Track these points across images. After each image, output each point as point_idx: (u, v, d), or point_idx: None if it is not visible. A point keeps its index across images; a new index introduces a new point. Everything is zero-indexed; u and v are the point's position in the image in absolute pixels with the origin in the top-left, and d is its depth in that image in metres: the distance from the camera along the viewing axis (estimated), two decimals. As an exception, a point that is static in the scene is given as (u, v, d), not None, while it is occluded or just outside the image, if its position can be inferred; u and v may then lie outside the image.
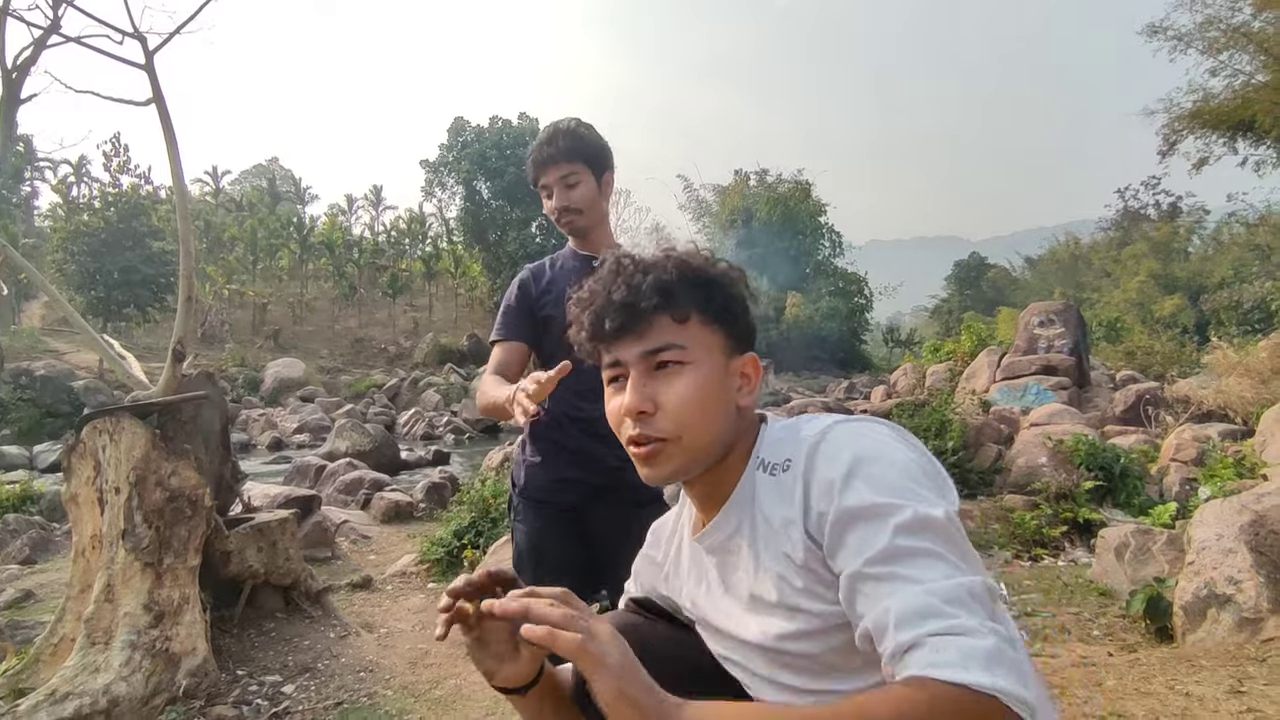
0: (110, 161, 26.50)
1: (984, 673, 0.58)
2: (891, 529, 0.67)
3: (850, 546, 0.70)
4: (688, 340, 0.82)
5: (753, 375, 0.86)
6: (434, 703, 2.95)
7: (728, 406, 0.84)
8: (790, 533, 0.77)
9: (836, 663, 0.77)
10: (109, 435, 3.20)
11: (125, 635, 2.94)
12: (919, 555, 0.66)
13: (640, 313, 0.81)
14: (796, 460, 0.78)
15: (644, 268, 0.82)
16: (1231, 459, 6.01)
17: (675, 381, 0.81)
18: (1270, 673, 2.04)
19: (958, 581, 0.64)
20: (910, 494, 0.70)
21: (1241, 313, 18.46)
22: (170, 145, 3.32)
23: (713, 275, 0.85)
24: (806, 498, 0.75)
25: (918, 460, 0.76)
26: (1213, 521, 2.62)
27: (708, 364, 0.82)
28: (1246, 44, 16.98)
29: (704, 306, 0.83)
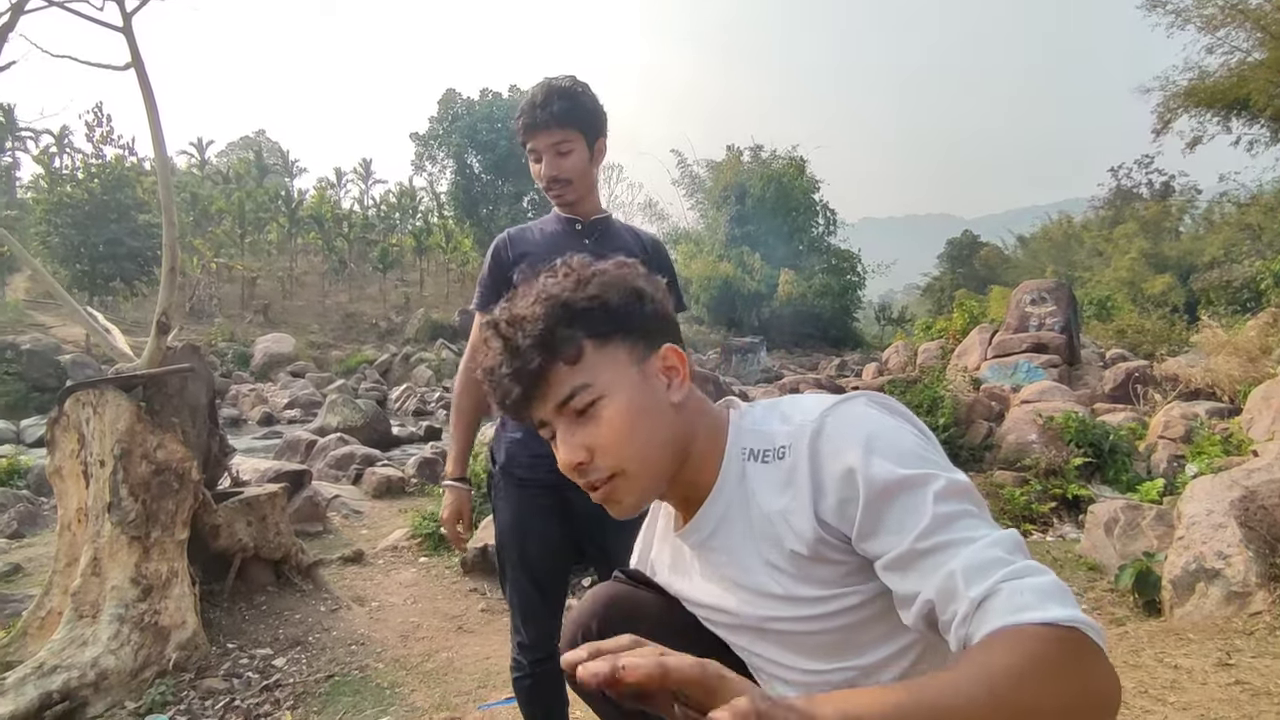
0: (93, 132, 25.95)
1: (1061, 607, 0.59)
2: (932, 498, 0.67)
3: (891, 526, 0.69)
4: (590, 375, 0.78)
5: (678, 365, 0.82)
6: (425, 675, 2.95)
7: (660, 414, 0.80)
8: (791, 521, 0.74)
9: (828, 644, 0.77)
10: (92, 408, 3.14)
11: (113, 609, 2.92)
12: (964, 517, 0.67)
13: (531, 376, 0.77)
14: (796, 447, 0.75)
15: (517, 328, 0.78)
16: (1219, 436, 6.07)
17: (598, 420, 0.78)
18: (1258, 645, 2.06)
19: (1006, 533, 0.66)
20: (933, 464, 0.70)
21: (1231, 292, 18.55)
22: (150, 110, 3.22)
23: (585, 302, 0.78)
24: (817, 485, 0.73)
25: (919, 434, 0.75)
26: (1203, 497, 2.63)
27: (621, 386, 0.78)
28: (1244, 21, 16.86)
29: (591, 333, 0.78)
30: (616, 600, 0.92)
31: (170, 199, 3.41)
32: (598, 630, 0.89)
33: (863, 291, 37.61)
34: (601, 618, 0.90)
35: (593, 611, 0.92)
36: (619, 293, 0.80)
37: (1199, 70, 17.75)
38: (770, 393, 12.62)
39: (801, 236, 35.86)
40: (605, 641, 0.66)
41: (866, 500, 0.69)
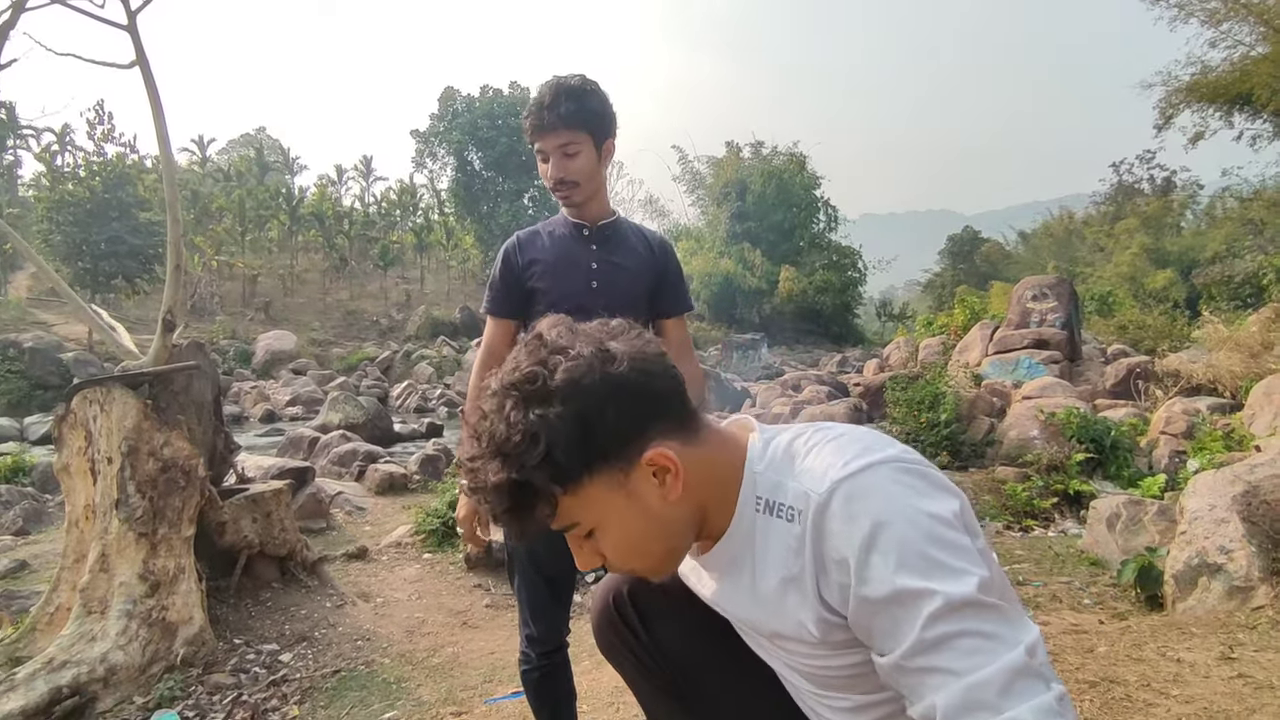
0: (94, 129, 26.02)
1: None
2: (924, 620, 0.63)
3: (881, 634, 0.66)
4: (573, 516, 0.74)
5: (667, 464, 0.74)
6: (431, 670, 2.97)
7: (659, 520, 0.75)
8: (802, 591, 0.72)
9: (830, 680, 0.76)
10: (99, 405, 3.16)
11: (121, 604, 2.94)
12: (957, 639, 0.62)
13: (524, 531, 0.74)
14: (804, 515, 0.71)
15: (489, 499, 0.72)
16: (1220, 432, 6.07)
17: (600, 542, 0.77)
18: (1260, 639, 2.07)
19: (1000, 665, 0.61)
20: (936, 569, 0.64)
21: (1233, 287, 18.52)
22: (155, 108, 3.23)
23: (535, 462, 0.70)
24: (820, 566, 0.70)
25: (936, 509, 0.68)
26: (1205, 492, 2.64)
27: (610, 515, 0.74)
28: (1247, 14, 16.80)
29: (557, 484, 0.71)
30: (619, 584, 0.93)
31: (175, 197, 3.42)
32: (629, 594, 0.91)
33: (863, 288, 37.59)
34: (632, 583, 0.92)
35: (622, 578, 0.93)
36: (571, 438, 0.70)
37: (1201, 65, 17.71)
38: (771, 390, 12.60)
39: (802, 233, 35.84)
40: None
41: (857, 604, 0.67)
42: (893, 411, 6.95)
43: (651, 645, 0.90)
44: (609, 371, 0.72)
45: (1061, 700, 0.61)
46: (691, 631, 0.88)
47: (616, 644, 0.93)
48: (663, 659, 0.90)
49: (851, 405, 8.32)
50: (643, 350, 0.76)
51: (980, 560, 0.66)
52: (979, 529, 0.71)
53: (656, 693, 0.92)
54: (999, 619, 0.63)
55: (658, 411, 0.75)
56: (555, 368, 0.72)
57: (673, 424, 0.76)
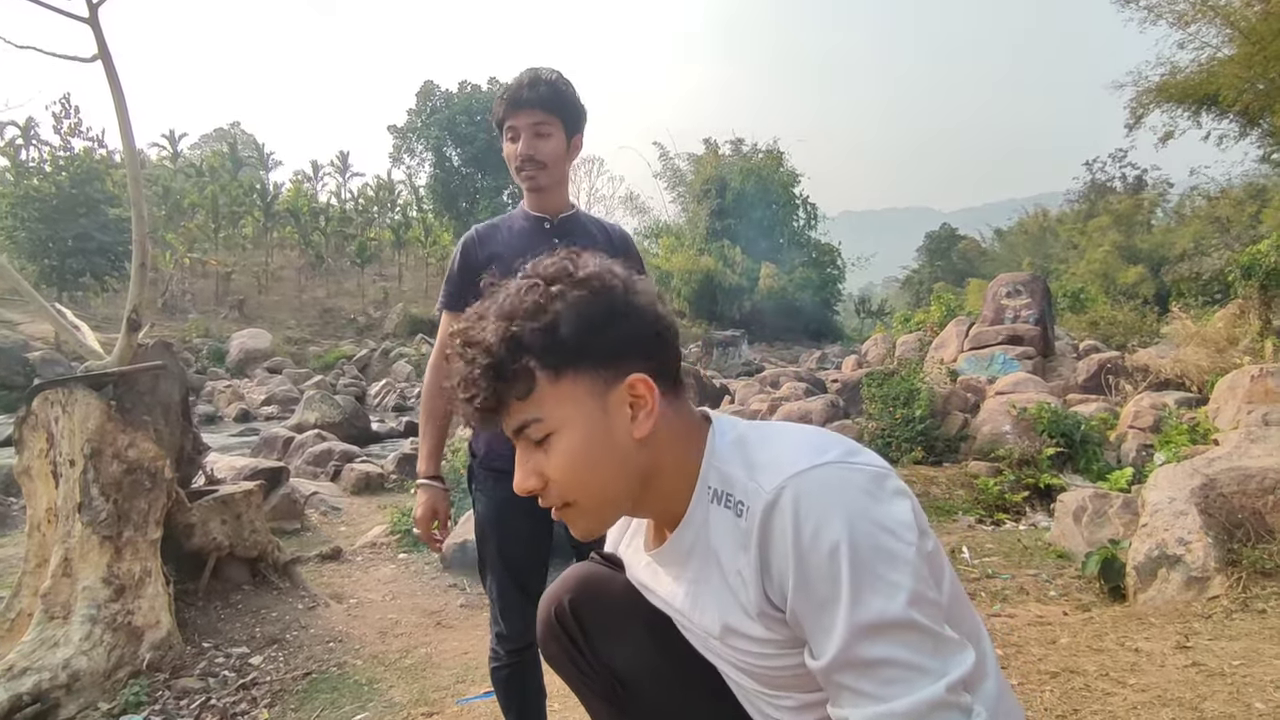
0: (60, 123, 25.32)
1: None
2: (852, 633, 0.64)
3: (812, 638, 0.68)
4: (542, 409, 0.74)
5: (645, 395, 0.75)
6: (404, 671, 2.95)
7: (617, 450, 0.76)
8: (747, 588, 0.73)
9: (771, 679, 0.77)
10: (61, 406, 3.10)
11: (85, 609, 2.89)
12: (879, 667, 0.63)
13: (484, 404, 0.75)
14: (752, 510, 0.71)
15: (471, 355, 0.74)
16: (1186, 426, 6.21)
17: (552, 451, 0.75)
18: (1215, 628, 2.13)
19: (916, 699, 0.62)
20: (873, 582, 0.64)
21: (1201, 284, 18.91)
22: (119, 104, 3.17)
23: (538, 333, 0.73)
24: (765, 562, 0.70)
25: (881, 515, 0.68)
26: (1165, 485, 2.70)
27: (575, 422, 0.74)
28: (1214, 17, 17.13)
29: (544, 365, 0.73)
30: (590, 579, 0.93)
31: (140, 193, 3.36)
32: (570, 606, 0.91)
33: (843, 284, 37.86)
34: (574, 594, 0.92)
35: (566, 588, 0.93)
36: (578, 320, 0.73)
37: (1171, 66, 18.02)
38: (750, 387, 12.66)
39: (782, 230, 36.01)
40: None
41: (792, 606, 0.68)
42: (869, 407, 7.01)
43: (592, 657, 0.90)
44: (629, 290, 0.76)
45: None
46: (633, 643, 0.88)
47: (559, 654, 0.94)
48: (603, 670, 0.90)
49: (828, 401, 8.38)
50: (662, 303, 0.80)
51: (918, 573, 0.67)
52: (928, 528, 0.73)
53: (598, 702, 0.93)
54: (926, 645, 0.64)
55: (655, 351, 0.77)
56: (585, 265, 0.76)
57: (663, 371, 0.77)
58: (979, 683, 0.68)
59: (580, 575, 0.94)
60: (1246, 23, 16.57)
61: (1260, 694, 1.66)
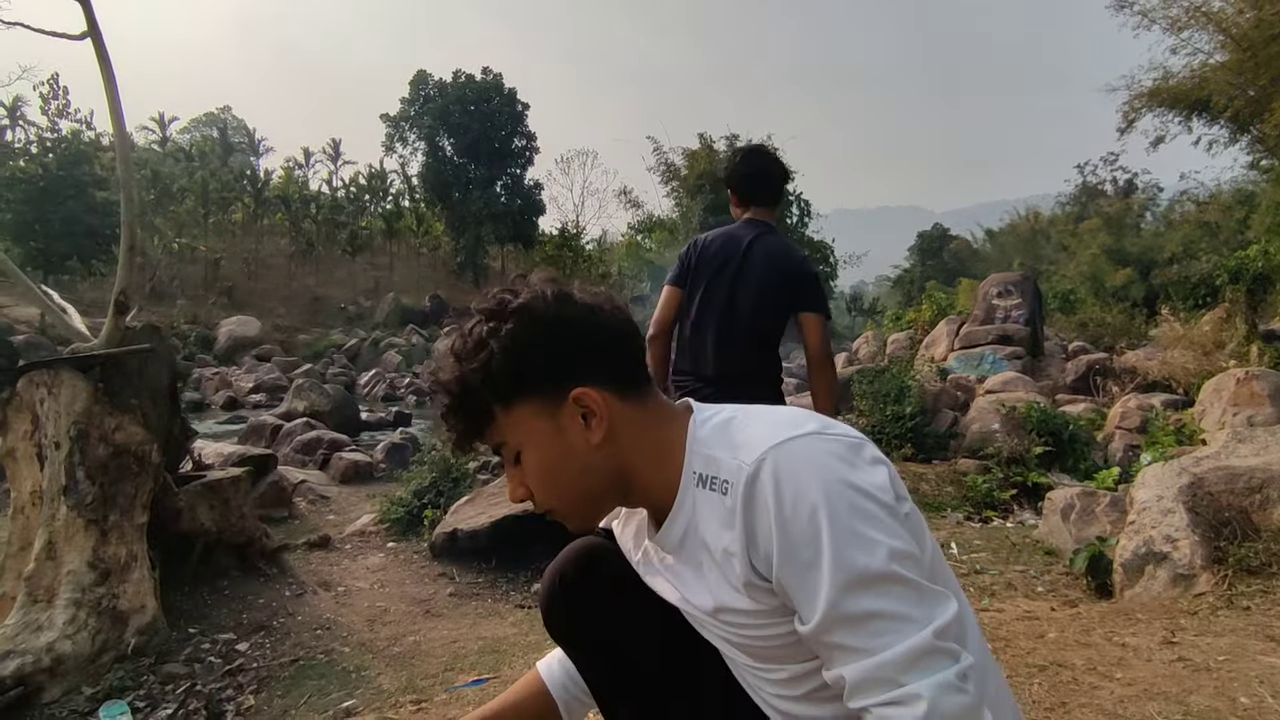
0: (48, 104, 25.02)
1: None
2: (838, 591, 0.65)
3: (799, 603, 0.69)
4: (505, 434, 0.81)
5: (594, 407, 0.79)
6: (392, 659, 2.94)
7: (578, 459, 0.80)
8: (732, 563, 0.75)
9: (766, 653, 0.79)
10: (47, 388, 3.06)
11: (69, 593, 2.86)
12: (867, 621, 0.65)
13: (462, 437, 0.83)
14: (734, 486, 0.73)
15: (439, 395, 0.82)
16: (1173, 427, 6.27)
17: (525, 467, 0.82)
18: (1200, 624, 2.15)
19: (905, 646, 0.64)
20: (854, 542, 0.66)
21: (1189, 288, 19.09)
22: (108, 82, 3.12)
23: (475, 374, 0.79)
24: (750, 537, 0.72)
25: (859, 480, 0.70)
26: (1153, 483, 2.72)
27: (535, 439, 0.80)
28: (1206, 23, 17.22)
29: (494, 399, 0.79)
30: (591, 551, 0.95)
31: (129, 175, 3.31)
32: (572, 578, 0.92)
33: (835, 282, 37.93)
34: (576, 567, 0.93)
35: (567, 560, 0.95)
36: (512, 353, 0.78)
37: (1163, 71, 18.12)
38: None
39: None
40: None
41: (778, 571, 0.69)
42: (859, 404, 7.03)
43: (594, 627, 0.91)
44: (563, 307, 0.81)
45: (964, 676, 0.64)
46: (634, 615, 0.89)
47: (561, 626, 0.95)
48: (605, 641, 0.91)
49: (819, 398, 8.43)
50: (605, 304, 0.83)
51: (899, 530, 0.69)
52: (906, 495, 0.75)
53: (600, 674, 0.93)
54: (911, 597, 0.66)
55: (598, 359, 0.81)
56: (518, 294, 0.81)
57: (611, 376, 0.81)
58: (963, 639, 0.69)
59: (581, 548, 0.96)
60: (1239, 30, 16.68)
61: (1245, 689, 1.68)
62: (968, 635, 0.72)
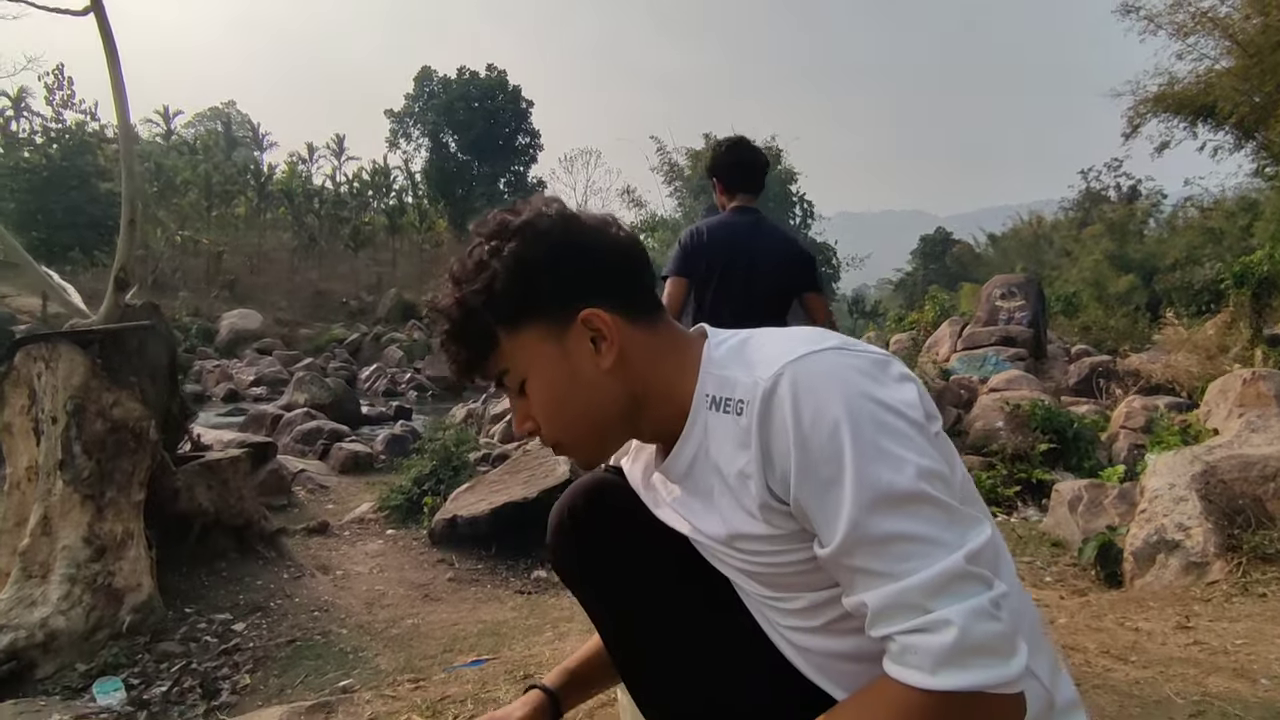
0: (53, 95, 24.96)
1: (957, 672, 0.57)
2: (861, 510, 0.60)
3: (820, 524, 0.64)
4: (510, 360, 0.77)
5: (604, 329, 0.75)
6: (390, 640, 2.91)
7: (588, 386, 0.76)
8: (747, 485, 0.70)
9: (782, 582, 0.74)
10: (44, 362, 3.02)
11: (64, 569, 2.82)
12: (893, 543, 0.60)
13: (464, 365, 0.79)
14: (750, 404, 0.68)
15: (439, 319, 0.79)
16: (1178, 427, 6.23)
17: (531, 397, 0.78)
18: (1215, 611, 2.11)
19: (934, 570, 0.59)
20: (879, 457, 0.61)
21: (1192, 294, 19.06)
22: (109, 53, 3.09)
23: (478, 295, 0.75)
24: (766, 453, 0.67)
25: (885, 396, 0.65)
26: (1165, 472, 2.68)
27: (540, 365, 0.76)
28: (1213, 29, 17.19)
29: (498, 321, 0.75)
30: (601, 486, 0.90)
31: (130, 147, 3.28)
32: (580, 511, 0.89)
33: (837, 284, 37.89)
34: (585, 500, 0.90)
35: (576, 494, 0.91)
36: (516, 272, 0.74)
37: (1169, 76, 18.08)
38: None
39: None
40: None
41: (796, 489, 0.64)
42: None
43: (601, 560, 0.87)
44: (568, 228, 0.77)
45: (997, 603, 0.59)
46: (642, 546, 0.85)
47: (568, 561, 0.91)
48: (612, 574, 0.86)
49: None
50: (613, 224, 0.80)
51: (928, 449, 0.64)
52: (937, 414, 0.70)
53: (604, 608, 0.89)
54: (940, 518, 0.61)
55: (607, 281, 0.77)
56: (521, 213, 0.77)
57: (621, 298, 0.77)
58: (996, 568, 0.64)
59: (590, 482, 0.91)
60: (1245, 35, 16.65)
61: (1266, 670, 1.64)
62: (1001, 564, 0.68)
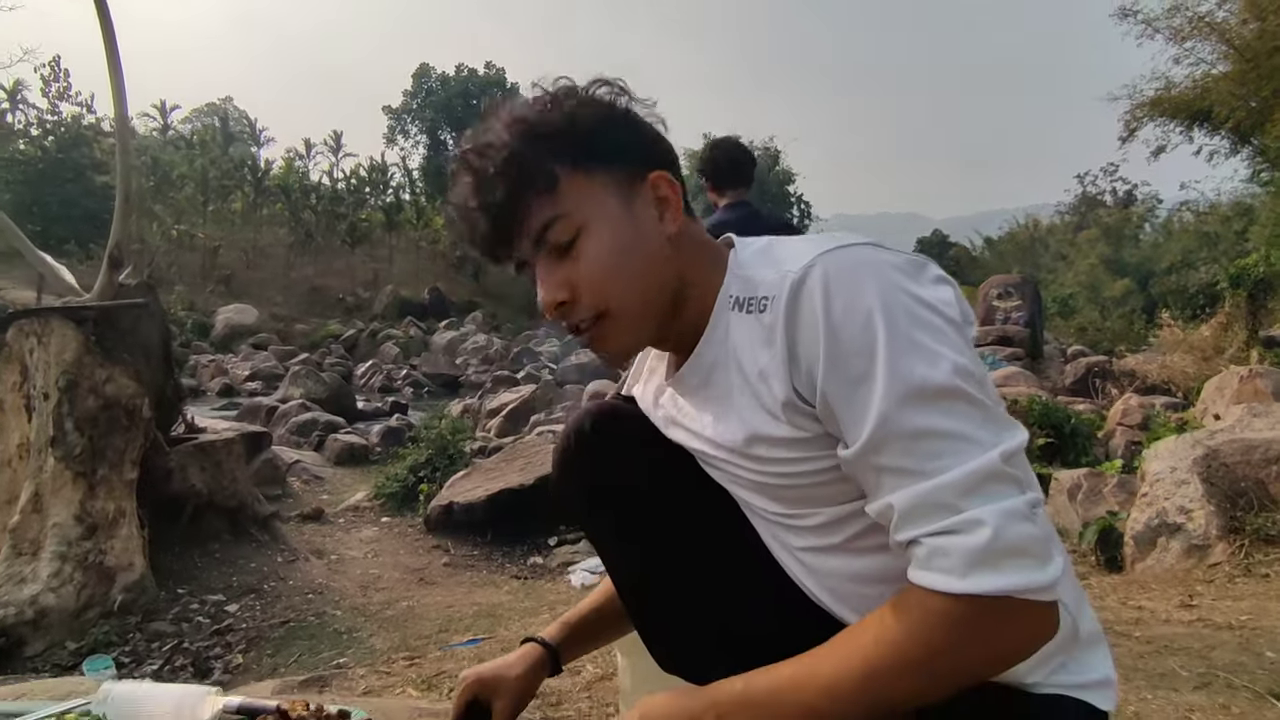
0: (49, 87, 24.85)
1: (990, 574, 0.54)
2: (893, 403, 0.57)
3: (847, 421, 0.60)
4: (568, 204, 0.69)
5: (670, 195, 0.72)
6: (385, 621, 2.88)
7: (650, 249, 0.71)
8: (771, 384, 0.66)
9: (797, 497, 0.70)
10: (37, 338, 2.99)
11: (55, 546, 2.79)
12: (924, 440, 0.56)
13: (501, 207, 0.68)
14: (777, 299, 0.65)
15: (485, 155, 0.69)
16: (1175, 425, 6.23)
17: (579, 255, 0.69)
18: (1218, 590, 2.10)
19: (968, 468, 0.55)
20: (912, 350, 0.57)
21: (1187, 297, 19.13)
22: (105, 25, 3.06)
23: (558, 124, 0.69)
24: (792, 348, 0.63)
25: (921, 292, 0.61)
26: (1167, 456, 2.67)
27: (603, 217, 0.69)
28: (1210, 33, 17.26)
29: (566, 160, 0.69)
30: (612, 409, 0.87)
31: (125, 125, 3.25)
32: (590, 429, 0.84)
33: (834, 286, 37.98)
34: (593, 421, 0.85)
35: (586, 414, 0.87)
36: (595, 117, 0.70)
37: (1165, 80, 18.15)
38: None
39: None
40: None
41: (823, 386, 0.61)
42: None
43: (611, 480, 0.84)
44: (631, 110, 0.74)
45: (1033, 506, 0.56)
46: (651, 466, 0.82)
47: (574, 481, 0.87)
48: (622, 494, 0.83)
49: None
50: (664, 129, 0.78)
51: (965, 347, 0.60)
52: (973, 320, 0.66)
53: (608, 533, 0.86)
54: (975, 416, 0.57)
55: (667, 156, 0.75)
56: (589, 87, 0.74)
57: (679, 178, 0.75)
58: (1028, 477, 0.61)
59: (597, 407, 0.88)
60: (1242, 40, 16.73)
61: (1271, 644, 1.63)
62: (1031, 476, 0.65)
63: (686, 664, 0.84)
